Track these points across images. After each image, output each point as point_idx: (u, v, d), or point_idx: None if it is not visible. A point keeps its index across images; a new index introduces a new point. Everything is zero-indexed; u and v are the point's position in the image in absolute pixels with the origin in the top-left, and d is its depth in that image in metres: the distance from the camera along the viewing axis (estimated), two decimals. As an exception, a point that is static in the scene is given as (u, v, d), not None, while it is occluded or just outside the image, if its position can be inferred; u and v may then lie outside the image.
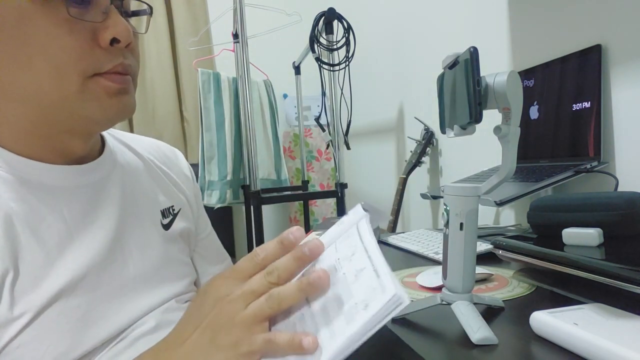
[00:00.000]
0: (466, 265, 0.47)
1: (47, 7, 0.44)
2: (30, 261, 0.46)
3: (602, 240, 0.54)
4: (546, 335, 0.42)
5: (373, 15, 1.94)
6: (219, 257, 0.76)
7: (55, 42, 0.44)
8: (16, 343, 0.43)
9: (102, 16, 0.46)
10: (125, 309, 0.52)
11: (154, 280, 0.57)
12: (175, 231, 0.64)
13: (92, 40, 0.46)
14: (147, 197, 0.62)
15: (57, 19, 0.44)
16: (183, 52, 2.23)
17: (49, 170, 0.50)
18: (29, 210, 0.47)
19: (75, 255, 0.49)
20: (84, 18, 0.45)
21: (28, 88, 0.46)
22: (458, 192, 0.47)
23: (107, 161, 0.58)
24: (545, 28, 1.00)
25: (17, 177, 0.48)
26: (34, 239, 0.47)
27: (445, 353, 0.44)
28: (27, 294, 0.45)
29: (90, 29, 0.46)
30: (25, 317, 0.44)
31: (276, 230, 2.51)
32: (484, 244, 0.78)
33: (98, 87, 0.47)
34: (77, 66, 0.45)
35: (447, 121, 0.52)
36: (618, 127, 0.83)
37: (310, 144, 2.36)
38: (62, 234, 0.49)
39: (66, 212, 0.50)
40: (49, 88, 0.45)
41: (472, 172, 1.15)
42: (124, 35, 0.47)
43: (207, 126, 1.96)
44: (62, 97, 0.46)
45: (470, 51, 0.44)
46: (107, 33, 0.46)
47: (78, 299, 0.48)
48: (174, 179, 0.68)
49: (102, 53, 0.47)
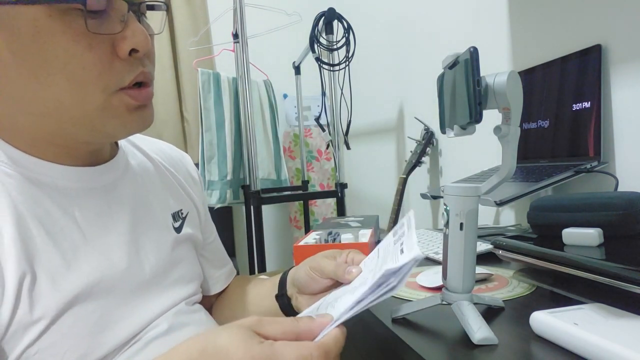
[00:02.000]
0: (466, 265, 0.47)
1: (64, 21, 0.42)
2: (47, 263, 0.45)
3: (602, 240, 0.54)
4: (546, 335, 0.42)
5: (373, 15, 1.94)
6: (222, 261, 0.77)
7: (75, 59, 0.43)
8: (34, 349, 0.43)
9: (121, 25, 0.45)
10: (139, 312, 0.52)
11: (166, 282, 0.57)
12: (185, 234, 0.64)
13: (111, 52, 0.45)
14: (158, 200, 0.62)
15: (75, 34, 0.43)
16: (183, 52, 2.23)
17: (61, 172, 0.50)
18: (43, 212, 0.47)
19: (90, 259, 0.49)
20: (102, 30, 0.44)
21: (49, 104, 0.45)
22: (458, 192, 0.47)
23: (120, 163, 0.58)
24: (545, 28, 1.00)
25: (28, 177, 0.48)
26: (51, 241, 0.46)
27: (446, 353, 0.44)
28: (45, 297, 0.44)
29: (109, 41, 0.45)
30: (43, 322, 0.44)
31: (276, 230, 2.51)
32: (484, 244, 0.78)
33: (120, 103, 0.47)
34: (98, 82, 0.45)
35: (447, 121, 0.52)
36: (618, 127, 0.83)
37: (310, 144, 2.36)
38: (76, 237, 0.49)
39: (78, 214, 0.50)
40: (70, 104, 0.45)
41: (472, 172, 1.15)
42: (143, 44, 0.46)
43: (207, 126, 1.96)
44: (83, 113, 0.46)
45: (470, 51, 0.44)
46: (126, 44, 0.45)
47: (94, 303, 0.48)
48: (182, 182, 0.68)
49: (122, 64, 0.46)
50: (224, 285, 0.75)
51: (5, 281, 0.42)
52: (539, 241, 0.60)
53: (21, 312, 0.43)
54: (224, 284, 0.75)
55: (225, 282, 0.76)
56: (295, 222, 2.40)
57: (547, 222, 0.62)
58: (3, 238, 0.43)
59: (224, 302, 0.75)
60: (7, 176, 0.47)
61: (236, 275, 0.80)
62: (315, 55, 1.61)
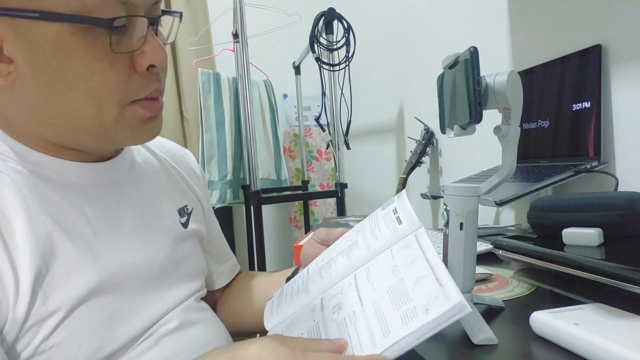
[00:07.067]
0: (466, 265, 0.47)
1: (87, 39, 0.42)
2: (62, 258, 0.46)
3: (602, 240, 0.54)
4: (546, 335, 0.42)
5: (373, 15, 1.94)
6: (225, 255, 0.77)
7: (96, 76, 0.44)
8: (50, 342, 0.44)
9: (140, 40, 0.45)
10: (150, 307, 0.53)
11: (174, 277, 0.58)
12: (191, 230, 0.64)
13: (130, 67, 0.46)
14: (165, 196, 0.62)
15: (97, 53, 0.43)
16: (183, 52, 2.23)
17: (69, 168, 0.51)
18: (54, 208, 0.48)
19: (102, 253, 0.50)
20: (123, 47, 0.44)
21: (65, 116, 0.46)
22: (458, 192, 0.47)
23: (126, 159, 0.59)
24: (545, 28, 1.00)
25: (37, 174, 0.48)
26: (65, 235, 0.47)
27: (445, 353, 0.44)
28: (60, 290, 0.45)
29: (128, 56, 0.45)
30: (58, 315, 0.44)
31: (276, 230, 2.51)
32: (484, 244, 0.78)
33: (133, 115, 0.48)
34: (116, 97, 0.45)
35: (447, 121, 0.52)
36: (618, 127, 0.83)
37: (310, 144, 2.36)
38: (87, 232, 0.49)
39: (88, 210, 0.51)
40: (86, 117, 0.46)
41: (472, 172, 1.15)
42: (161, 60, 0.47)
43: (207, 126, 1.96)
44: (98, 124, 0.47)
45: (470, 51, 0.44)
46: (145, 60, 0.46)
47: (107, 297, 0.48)
48: (186, 177, 0.69)
49: (139, 79, 0.47)
50: (228, 279, 0.76)
51: (19, 278, 0.43)
52: (539, 241, 0.60)
53: (37, 306, 0.43)
54: (228, 278, 0.76)
55: (229, 276, 0.76)
56: (295, 222, 2.40)
57: (547, 222, 0.62)
58: (16, 235, 0.44)
59: (230, 293, 0.76)
60: (16, 172, 0.47)
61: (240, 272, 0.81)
62: (315, 55, 1.61)
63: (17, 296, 0.42)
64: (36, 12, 0.41)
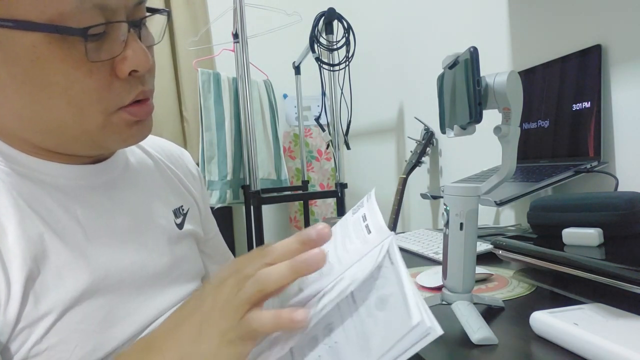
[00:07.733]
0: (466, 265, 0.47)
1: (63, 48, 0.41)
2: (54, 260, 0.46)
3: (602, 240, 0.54)
4: (546, 335, 0.42)
5: (373, 15, 1.94)
6: (224, 256, 0.77)
7: (76, 84, 0.43)
8: (44, 345, 0.43)
9: (121, 45, 0.44)
10: (145, 309, 0.53)
11: (170, 279, 0.58)
12: (186, 230, 0.64)
13: (111, 74, 0.45)
14: (159, 197, 0.62)
15: (75, 61, 0.42)
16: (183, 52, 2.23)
17: (61, 170, 0.50)
18: (45, 210, 0.47)
19: (94, 255, 0.49)
20: (102, 55, 0.43)
21: (50, 124, 0.45)
22: (458, 192, 0.47)
23: (119, 160, 0.58)
24: (545, 28, 1.00)
25: (27, 176, 0.48)
26: (56, 238, 0.47)
27: (445, 353, 0.44)
28: (51, 292, 0.45)
29: (109, 63, 0.44)
30: (50, 317, 0.44)
31: (276, 230, 2.50)
32: (484, 244, 0.78)
33: (120, 121, 0.47)
34: (99, 105, 0.45)
35: (447, 121, 0.52)
36: (618, 127, 0.83)
37: (310, 144, 2.36)
38: (78, 234, 0.49)
39: (80, 212, 0.50)
40: (71, 124, 0.45)
41: (472, 172, 1.15)
42: (143, 65, 0.45)
43: (207, 126, 1.96)
44: (83, 132, 0.46)
45: (470, 51, 0.44)
46: (126, 66, 0.45)
47: (101, 300, 0.48)
48: (182, 178, 0.68)
49: (121, 85, 0.46)
50: None
51: (11, 281, 0.43)
52: (539, 241, 0.60)
53: (28, 308, 0.43)
54: None
55: None
56: (295, 222, 2.40)
57: (547, 222, 0.62)
58: (7, 237, 0.44)
59: None
60: (6, 175, 0.47)
61: None
62: (315, 55, 1.61)
63: (8, 299, 0.42)
64: (10, 21, 0.40)
